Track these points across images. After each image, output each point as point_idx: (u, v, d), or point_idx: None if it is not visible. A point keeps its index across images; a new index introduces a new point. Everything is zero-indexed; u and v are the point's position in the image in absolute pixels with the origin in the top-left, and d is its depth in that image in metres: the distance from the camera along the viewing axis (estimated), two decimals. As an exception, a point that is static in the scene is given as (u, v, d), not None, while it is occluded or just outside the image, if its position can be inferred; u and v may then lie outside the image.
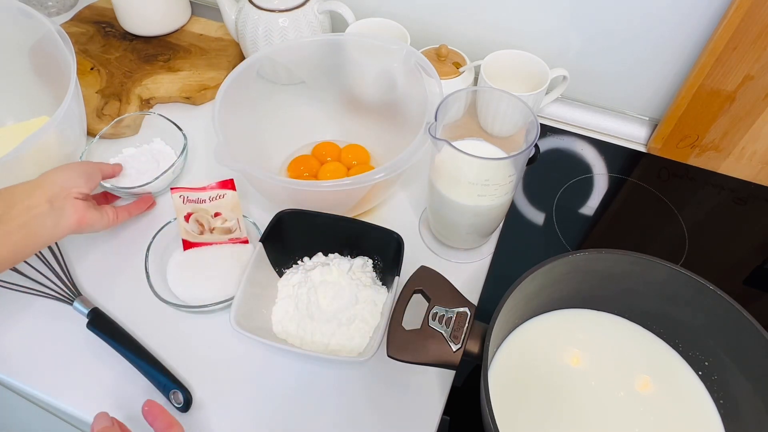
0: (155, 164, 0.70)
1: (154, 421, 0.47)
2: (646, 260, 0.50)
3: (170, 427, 0.47)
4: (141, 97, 0.79)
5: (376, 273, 0.60)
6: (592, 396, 0.52)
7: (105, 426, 0.46)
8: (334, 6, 0.78)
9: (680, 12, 0.69)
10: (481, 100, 0.60)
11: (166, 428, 0.46)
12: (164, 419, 0.47)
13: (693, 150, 0.76)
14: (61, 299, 0.60)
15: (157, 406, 0.48)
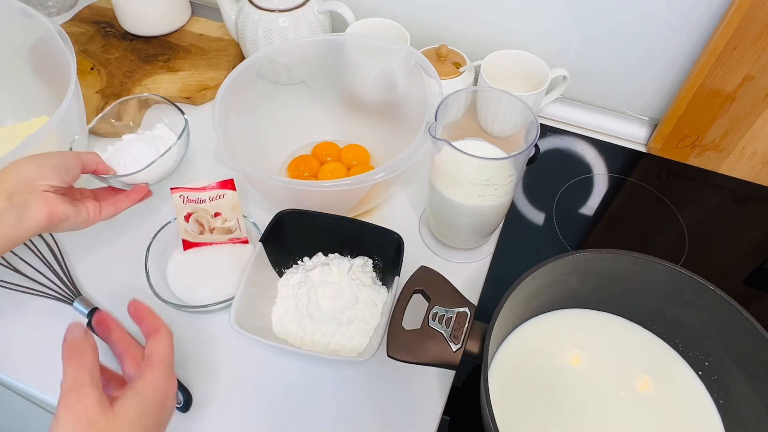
0: (154, 151, 0.64)
1: (141, 321, 0.44)
2: (646, 260, 0.50)
3: (157, 331, 0.43)
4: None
5: (376, 273, 0.60)
6: (592, 396, 0.52)
7: (77, 336, 0.40)
8: (334, 6, 0.78)
9: (680, 12, 0.69)
10: (481, 100, 0.60)
11: (153, 331, 0.43)
12: (151, 322, 0.44)
13: (693, 150, 0.76)
14: (62, 299, 0.60)
15: (143, 307, 0.45)
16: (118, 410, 0.38)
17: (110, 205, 0.57)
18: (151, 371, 0.40)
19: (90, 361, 0.38)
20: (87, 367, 0.38)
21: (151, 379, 0.40)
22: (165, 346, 0.43)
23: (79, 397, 0.37)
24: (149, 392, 0.39)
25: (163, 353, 0.42)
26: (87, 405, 0.37)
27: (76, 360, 0.38)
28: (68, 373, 0.38)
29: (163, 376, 0.41)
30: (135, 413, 0.38)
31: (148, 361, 0.41)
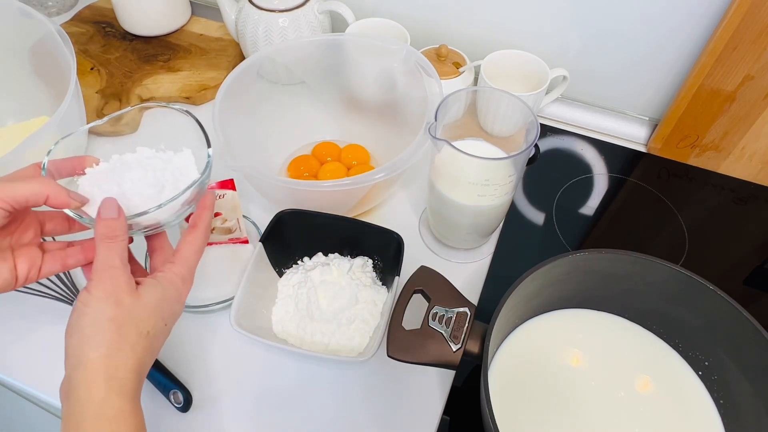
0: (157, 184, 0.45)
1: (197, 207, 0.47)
2: (646, 260, 0.50)
3: (195, 227, 0.46)
4: (141, 97, 0.79)
5: (376, 273, 0.60)
6: (592, 396, 0.52)
7: (111, 216, 0.41)
8: (334, 6, 0.78)
9: (680, 12, 0.69)
10: (481, 100, 0.60)
11: (192, 226, 0.46)
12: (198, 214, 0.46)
13: (693, 150, 0.76)
14: (61, 299, 0.60)
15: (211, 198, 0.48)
16: (142, 294, 0.41)
17: (56, 261, 0.44)
18: (172, 267, 0.43)
19: (121, 244, 0.41)
20: (118, 250, 0.40)
21: (172, 274, 0.43)
22: (194, 247, 0.45)
23: (110, 276, 0.39)
24: (168, 284, 0.42)
25: (188, 254, 0.45)
26: (116, 284, 0.39)
27: (108, 242, 0.40)
28: (101, 253, 0.40)
29: (182, 274, 0.44)
30: (156, 300, 0.41)
31: (175, 257, 0.44)
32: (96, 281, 0.39)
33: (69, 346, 0.39)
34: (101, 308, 0.38)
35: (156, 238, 0.47)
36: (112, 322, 0.38)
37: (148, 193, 0.44)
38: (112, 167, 0.46)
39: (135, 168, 0.45)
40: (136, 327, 0.39)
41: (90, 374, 0.37)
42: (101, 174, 0.45)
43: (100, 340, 0.38)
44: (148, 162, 0.46)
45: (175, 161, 0.47)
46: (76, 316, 0.39)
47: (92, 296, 0.39)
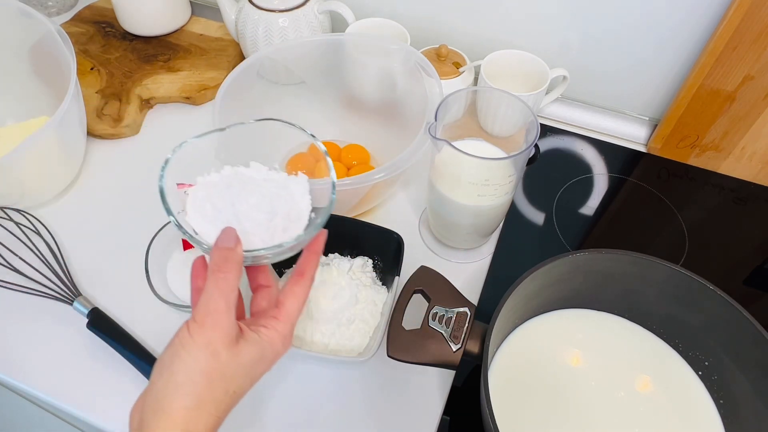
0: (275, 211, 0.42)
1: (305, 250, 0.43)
2: (646, 260, 0.50)
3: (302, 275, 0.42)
4: (141, 97, 0.79)
5: (376, 273, 0.60)
6: (592, 396, 0.52)
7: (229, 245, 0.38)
8: (334, 6, 0.78)
9: (680, 12, 0.69)
10: (481, 100, 0.60)
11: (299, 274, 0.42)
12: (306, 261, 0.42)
13: (693, 150, 0.76)
14: (61, 299, 0.60)
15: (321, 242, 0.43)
16: (241, 350, 0.37)
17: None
18: (277, 325, 0.40)
19: (232, 282, 0.37)
20: (227, 289, 0.37)
21: (275, 333, 0.40)
22: (299, 298, 0.41)
23: (213, 322, 0.36)
24: (268, 345, 0.39)
25: (293, 308, 0.41)
26: (218, 333, 0.36)
27: (219, 275, 0.37)
28: (209, 289, 0.37)
29: (285, 334, 0.40)
30: (252, 360, 0.38)
31: (279, 311, 0.40)
32: (198, 324, 0.36)
33: (154, 382, 0.37)
34: (198, 357, 0.36)
35: (260, 272, 0.43)
36: (205, 376, 0.36)
37: (260, 219, 0.41)
38: (227, 183, 0.43)
39: (253, 191, 0.42)
40: (226, 385, 0.37)
41: (169, 424, 0.35)
42: (215, 188, 0.43)
43: (187, 391, 0.36)
44: (266, 186, 0.44)
45: (290, 187, 0.45)
46: (170, 354, 0.37)
47: (192, 340, 0.36)
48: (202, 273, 0.42)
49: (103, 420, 0.54)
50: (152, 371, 0.38)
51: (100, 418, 0.54)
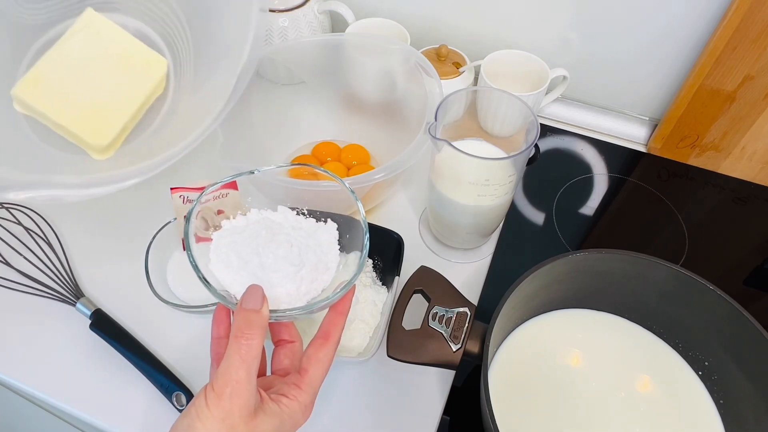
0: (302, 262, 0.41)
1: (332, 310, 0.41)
2: (646, 260, 0.50)
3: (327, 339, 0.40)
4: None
5: (376, 273, 0.60)
6: (592, 396, 0.52)
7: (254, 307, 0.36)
8: (334, 6, 0.78)
9: (680, 12, 0.69)
10: (481, 100, 0.60)
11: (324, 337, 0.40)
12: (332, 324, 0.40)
13: (693, 150, 0.76)
14: (64, 300, 0.60)
15: (348, 302, 0.41)
16: (259, 424, 0.35)
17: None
18: (299, 396, 0.38)
19: (256, 349, 0.36)
20: (249, 357, 0.35)
21: (296, 404, 0.38)
22: (324, 365, 0.39)
23: (232, 394, 0.34)
24: (288, 418, 0.37)
25: (318, 374, 0.39)
26: (236, 406, 0.34)
27: (241, 342, 0.35)
28: (230, 355, 0.35)
29: (307, 404, 0.38)
30: (270, 431, 0.36)
31: (302, 379, 0.39)
32: (217, 395, 0.34)
33: None
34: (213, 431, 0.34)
35: (284, 327, 0.42)
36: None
37: (287, 271, 0.39)
38: (254, 231, 0.41)
39: (281, 242, 0.40)
40: None
41: None
42: (240, 236, 0.41)
43: None
44: (294, 234, 0.41)
45: (318, 236, 0.43)
46: (186, 425, 0.34)
47: (209, 413, 0.34)
48: (225, 320, 0.41)
49: (105, 421, 0.54)
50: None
51: (102, 420, 0.54)
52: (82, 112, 0.56)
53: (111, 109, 0.57)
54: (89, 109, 0.56)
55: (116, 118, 0.56)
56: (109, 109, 0.57)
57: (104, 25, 0.59)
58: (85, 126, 0.55)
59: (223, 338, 0.41)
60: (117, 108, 0.57)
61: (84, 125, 0.55)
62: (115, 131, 0.56)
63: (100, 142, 0.55)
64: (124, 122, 0.57)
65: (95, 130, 0.55)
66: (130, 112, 0.57)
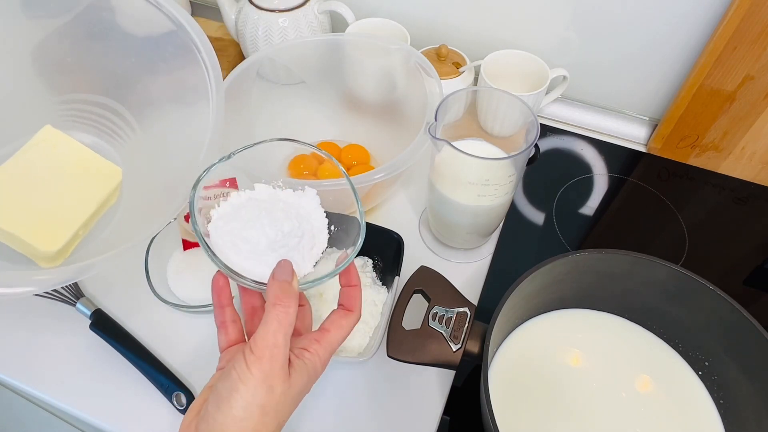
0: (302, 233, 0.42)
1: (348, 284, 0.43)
2: (646, 260, 0.50)
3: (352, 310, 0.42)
4: (141, 98, 0.79)
5: (376, 273, 0.60)
6: (592, 396, 0.52)
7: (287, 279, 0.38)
8: (334, 6, 0.78)
9: (680, 12, 0.69)
10: (481, 100, 0.60)
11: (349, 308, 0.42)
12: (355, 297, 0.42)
13: (693, 150, 0.76)
14: (64, 300, 0.60)
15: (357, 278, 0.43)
16: (293, 382, 0.38)
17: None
18: (319, 350, 0.40)
19: (291, 315, 0.38)
20: (286, 323, 0.38)
21: (318, 357, 0.40)
22: (344, 331, 0.42)
23: (271, 357, 0.37)
24: (313, 372, 0.40)
25: (336, 337, 0.41)
26: (274, 367, 0.37)
27: (278, 309, 0.38)
28: (271, 323, 0.37)
29: (326, 358, 0.41)
30: (301, 388, 0.39)
31: (322, 335, 0.41)
32: (257, 358, 0.36)
33: (212, 413, 0.37)
34: (256, 392, 0.36)
35: None
36: (261, 409, 0.36)
37: (292, 244, 0.41)
38: (249, 213, 0.41)
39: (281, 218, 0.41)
40: (277, 417, 0.38)
41: None
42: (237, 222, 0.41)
43: (246, 426, 0.36)
44: (288, 209, 0.43)
45: (304, 205, 0.44)
46: (228, 388, 0.36)
47: (250, 374, 0.36)
48: (225, 289, 0.43)
49: (105, 421, 0.54)
50: (207, 400, 0.38)
51: (102, 420, 0.54)
52: (34, 221, 0.56)
53: (63, 216, 0.58)
54: (41, 218, 0.57)
55: (68, 225, 0.57)
56: (62, 217, 0.57)
57: (61, 139, 0.61)
58: (35, 233, 0.56)
59: (225, 306, 0.43)
60: (69, 216, 0.58)
61: (34, 233, 0.56)
62: (66, 237, 0.56)
63: (50, 249, 0.55)
64: (76, 229, 0.57)
65: (45, 237, 0.56)
66: (82, 219, 0.58)
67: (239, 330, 0.43)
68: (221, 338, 0.42)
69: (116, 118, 0.69)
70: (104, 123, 0.69)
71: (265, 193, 0.44)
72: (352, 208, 0.66)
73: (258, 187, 0.44)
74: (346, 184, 0.48)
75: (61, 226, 0.57)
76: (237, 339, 0.42)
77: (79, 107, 0.69)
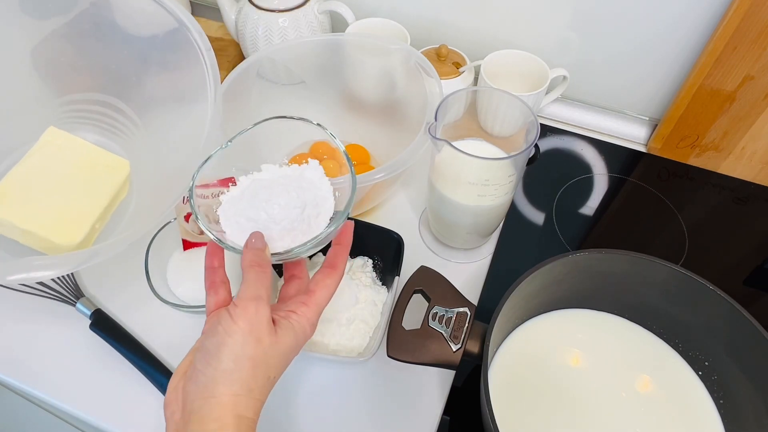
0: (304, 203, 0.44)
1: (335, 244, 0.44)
2: (646, 260, 0.50)
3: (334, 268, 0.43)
4: (141, 97, 0.79)
5: (376, 273, 0.60)
6: (592, 396, 0.52)
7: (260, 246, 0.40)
8: (334, 6, 0.78)
9: (680, 12, 0.69)
10: (481, 100, 0.60)
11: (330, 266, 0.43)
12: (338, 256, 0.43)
13: (693, 150, 0.76)
14: (64, 300, 0.60)
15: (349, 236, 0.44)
16: (280, 336, 0.39)
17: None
18: (306, 312, 0.41)
19: (267, 276, 0.40)
20: (265, 281, 0.39)
21: (305, 318, 0.41)
22: (330, 289, 0.43)
23: (257, 310, 0.38)
24: (300, 332, 0.40)
25: (322, 297, 0.42)
26: (260, 319, 0.38)
27: (257, 270, 0.39)
28: (250, 281, 0.39)
29: (313, 321, 0.41)
30: (289, 346, 0.40)
31: (309, 298, 0.42)
32: (241, 309, 0.37)
33: (201, 370, 0.37)
34: (245, 343, 0.37)
35: (296, 264, 0.46)
36: (250, 361, 0.37)
37: (294, 215, 0.43)
38: (252, 192, 0.44)
39: (279, 192, 0.43)
40: (267, 371, 0.38)
41: (221, 410, 0.36)
42: (242, 202, 0.44)
43: (236, 377, 0.36)
44: (286, 183, 0.45)
45: (307, 175, 0.46)
46: (216, 343, 0.37)
47: (237, 326, 0.37)
48: (218, 252, 0.44)
49: (105, 421, 0.54)
50: (195, 359, 0.38)
51: (102, 420, 0.54)
52: (51, 218, 0.58)
53: (79, 211, 0.59)
54: (58, 214, 0.58)
55: (84, 219, 0.59)
56: (77, 212, 0.59)
57: (66, 139, 0.63)
58: (54, 229, 0.57)
59: (217, 268, 0.44)
60: (84, 210, 0.59)
61: (53, 229, 0.57)
62: (85, 230, 0.58)
63: (70, 242, 0.56)
64: (92, 222, 0.59)
65: (64, 232, 0.57)
66: (98, 211, 0.60)
67: (228, 292, 0.43)
68: (210, 300, 0.42)
69: (117, 115, 0.70)
70: (105, 121, 0.70)
71: (268, 172, 0.47)
72: (354, 211, 0.66)
73: (264, 167, 0.47)
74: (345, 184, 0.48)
75: (78, 221, 0.59)
76: (225, 301, 0.42)
77: (79, 107, 0.70)
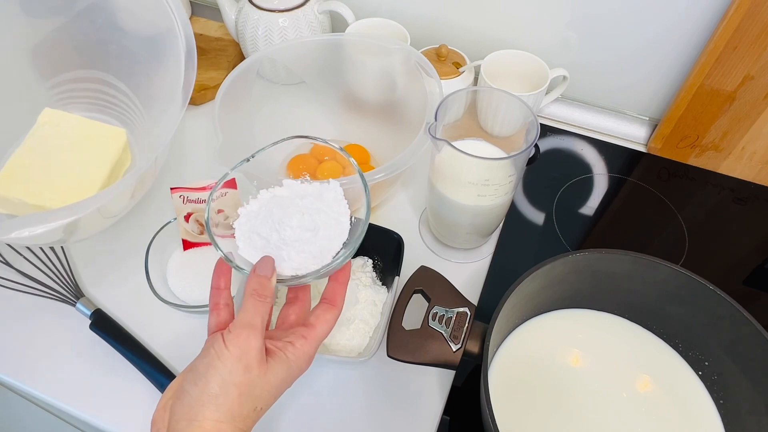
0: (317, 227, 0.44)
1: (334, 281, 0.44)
2: (646, 260, 0.50)
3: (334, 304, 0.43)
4: (141, 97, 0.79)
5: (376, 273, 0.60)
6: (592, 396, 0.52)
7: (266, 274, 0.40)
8: (334, 6, 0.78)
9: (680, 12, 0.69)
10: (481, 100, 0.60)
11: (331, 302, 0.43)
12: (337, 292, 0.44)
13: (693, 150, 0.76)
14: (64, 300, 0.60)
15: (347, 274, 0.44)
16: (270, 368, 0.39)
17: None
18: (306, 344, 0.41)
19: (267, 305, 0.40)
20: (263, 311, 0.40)
21: (302, 352, 0.41)
22: (329, 325, 0.43)
23: (248, 336, 0.38)
24: (295, 365, 0.40)
25: (323, 332, 0.42)
26: (251, 347, 0.38)
27: (257, 298, 0.40)
28: (248, 309, 0.39)
29: (311, 354, 0.42)
30: (280, 379, 0.39)
31: (308, 332, 0.42)
32: (234, 336, 0.38)
33: (188, 390, 0.37)
34: (233, 369, 0.37)
35: (301, 289, 0.46)
36: (237, 389, 0.37)
37: (305, 237, 0.43)
38: (268, 211, 0.44)
39: (293, 213, 0.43)
40: (254, 402, 0.38)
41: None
42: (257, 218, 0.44)
43: (221, 403, 0.36)
44: (303, 203, 0.44)
45: (325, 197, 0.45)
46: (206, 364, 0.38)
47: (228, 352, 0.37)
48: (225, 273, 0.44)
49: (105, 421, 0.54)
50: (184, 378, 0.38)
51: (102, 419, 0.54)
52: (58, 191, 0.60)
53: (83, 182, 0.61)
54: (63, 188, 0.60)
55: (89, 189, 0.60)
56: (82, 183, 0.61)
57: (62, 118, 0.65)
58: (62, 202, 0.58)
59: (222, 289, 0.44)
60: (89, 180, 0.61)
61: (61, 201, 0.59)
62: None
63: None
64: (97, 189, 0.60)
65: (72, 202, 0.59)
66: (101, 180, 0.61)
67: (231, 314, 0.43)
68: (212, 320, 0.43)
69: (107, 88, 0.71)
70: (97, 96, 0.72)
71: (288, 188, 0.46)
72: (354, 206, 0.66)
73: (285, 182, 0.46)
74: (345, 184, 0.48)
75: (84, 191, 0.60)
76: (226, 323, 0.43)
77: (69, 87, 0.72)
